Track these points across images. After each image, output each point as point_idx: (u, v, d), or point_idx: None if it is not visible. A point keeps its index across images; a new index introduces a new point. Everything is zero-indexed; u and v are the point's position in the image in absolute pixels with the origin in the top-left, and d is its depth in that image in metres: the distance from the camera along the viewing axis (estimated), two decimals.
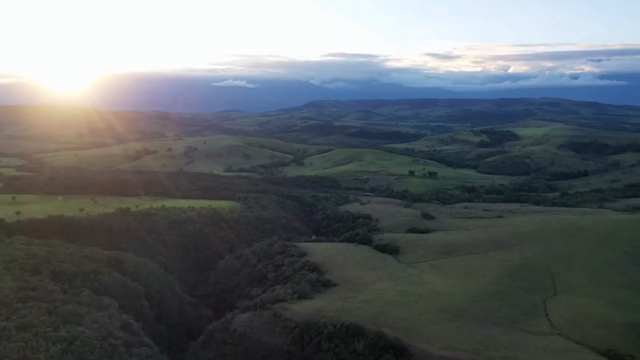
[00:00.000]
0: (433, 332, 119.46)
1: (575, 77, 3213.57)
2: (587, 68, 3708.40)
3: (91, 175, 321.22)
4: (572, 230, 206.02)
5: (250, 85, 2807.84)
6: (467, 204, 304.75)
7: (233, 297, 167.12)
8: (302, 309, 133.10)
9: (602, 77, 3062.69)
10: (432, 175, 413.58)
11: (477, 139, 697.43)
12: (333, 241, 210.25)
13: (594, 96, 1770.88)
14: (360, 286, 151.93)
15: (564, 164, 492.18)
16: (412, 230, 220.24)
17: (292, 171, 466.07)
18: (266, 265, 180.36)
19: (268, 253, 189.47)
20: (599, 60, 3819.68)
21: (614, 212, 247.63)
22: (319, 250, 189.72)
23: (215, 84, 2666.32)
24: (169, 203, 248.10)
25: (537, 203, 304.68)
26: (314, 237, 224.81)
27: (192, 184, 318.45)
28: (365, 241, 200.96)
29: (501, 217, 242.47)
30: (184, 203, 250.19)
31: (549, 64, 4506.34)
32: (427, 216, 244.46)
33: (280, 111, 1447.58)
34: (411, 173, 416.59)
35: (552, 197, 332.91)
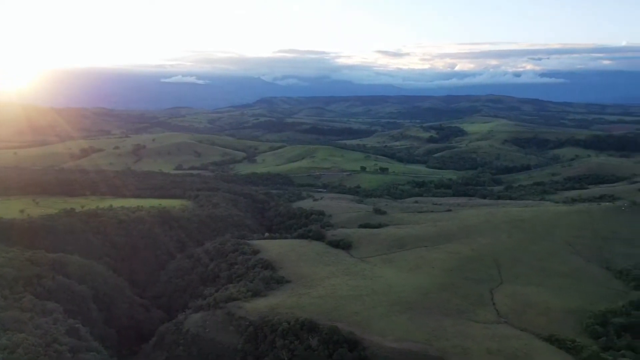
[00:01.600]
0: (386, 325, 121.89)
1: (518, 74, 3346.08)
2: (529, 66, 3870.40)
3: (32, 175, 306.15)
4: (516, 222, 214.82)
5: (200, 82, 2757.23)
6: (417, 198, 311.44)
7: (185, 297, 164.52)
8: (256, 307, 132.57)
9: (542, 75, 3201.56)
10: (384, 170, 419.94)
11: (426, 135, 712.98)
12: (286, 238, 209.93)
13: (535, 93, 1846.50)
14: (314, 282, 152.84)
15: (508, 159, 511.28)
16: (365, 226, 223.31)
17: (244, 168, 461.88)
18: (219, 263, 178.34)
19: (221, 251, 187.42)
20: (540, 59, 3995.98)
21: (555, 204, 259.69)
22: (273, 248, 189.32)
23: (164, 80, 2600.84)
24: (117, 202, 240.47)
25: (484, 196, 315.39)
26: (267, 234, 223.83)
27: (140, 182, 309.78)
28: (319, 237, 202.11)
29: (450, 210, 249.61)
30: (133, 202, 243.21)
31: (494, 62, 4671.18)
32: (379, 211, 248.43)
33: (232, 108, 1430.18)
34: (363, 169, 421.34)
35: (498, 191, 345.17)
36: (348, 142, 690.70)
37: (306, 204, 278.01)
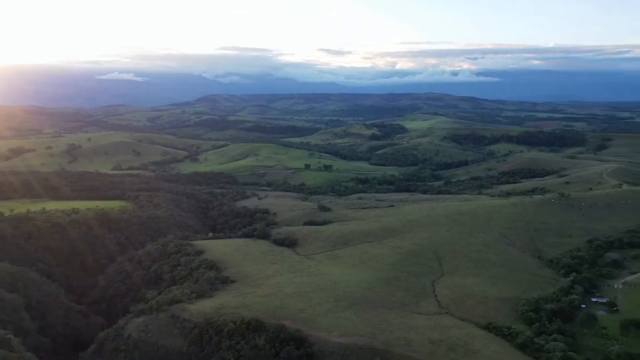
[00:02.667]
0: (332, 321, 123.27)
1: (455, 73, 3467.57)
2: (466, 65, 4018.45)
3: None
4: (455, 216, 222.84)
5: (139, 79, 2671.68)
6: (361, 194, 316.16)
7: (126, 301, 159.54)
8: (200, 309, 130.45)
9: (478, 74, 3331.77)
10: (328, 168, 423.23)
11: (369, 132, 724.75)
12: (231, 237, 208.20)
13: (471, 91, 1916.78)
14: (260, 281, 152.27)
15: (447, 155, 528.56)
16: (310, 223, 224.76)
17: (187, 167, 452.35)
18: (161, 265, 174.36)
19: (163, 253, 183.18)
20: (475, 59, 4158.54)
21: (491, 198, 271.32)
22: (217, 248, 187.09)
23: (99, 77, 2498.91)
24: (50, 205, 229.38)
25: (425, 192, 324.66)
26: (211, 234, 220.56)
27: (76, 184, 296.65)
28: (264, 236, 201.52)
29: (393, 206, 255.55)
30: (68, 205, 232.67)
31: (432, 61, 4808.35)
32: (323, 208, 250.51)
33: (172, 106, 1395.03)
34: (307, 167, 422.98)
35: (438, 186, 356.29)
36: (292, 139, 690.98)
37: (250, 203, 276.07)
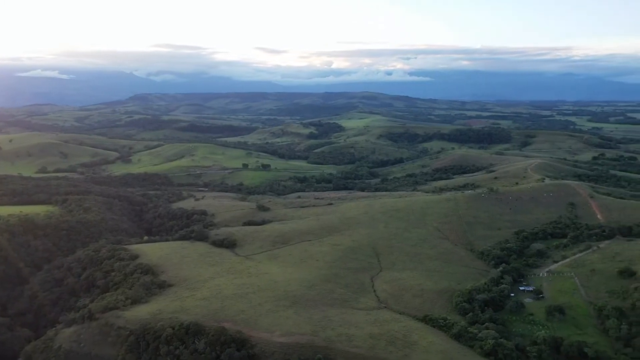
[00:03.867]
0: (273, 321, 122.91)
1: (389, 73, 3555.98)
2: (399, 65, 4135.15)
3: None
4: (391, 212, 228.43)
5: (64, 76, 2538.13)
6: (300, 193, 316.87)
7: (55, 311, 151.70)
8: (136, 315, 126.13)
9: (411, 73, 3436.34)
10: (266, 167, 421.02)
11: (306, 131, 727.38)
12: (167, 240, 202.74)
13: (405, 90, 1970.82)
14: (199, 284, 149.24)
15: (383, 153, 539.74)
16: (249, 223, 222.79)
17: (119, 169, 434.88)
18: (93, 272, 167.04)
19: (95, 259, 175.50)
20: (408, 59, 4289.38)
21: (425, 194, 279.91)
22: (153, 251, 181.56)
23: (20, 75, 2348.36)
24: None
25: (362, 189, 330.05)
26: (146, 237, 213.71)
27: None
28: (202, 237, 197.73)
29: (331, 204, 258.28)
30: None
31: (367, 61, 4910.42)
32: (262, 208, 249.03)
33: (102, 105, 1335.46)
34: (245, 166, 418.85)
35: (375, 183, 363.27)
36: (229, 139, 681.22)
37: (187, 204, 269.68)
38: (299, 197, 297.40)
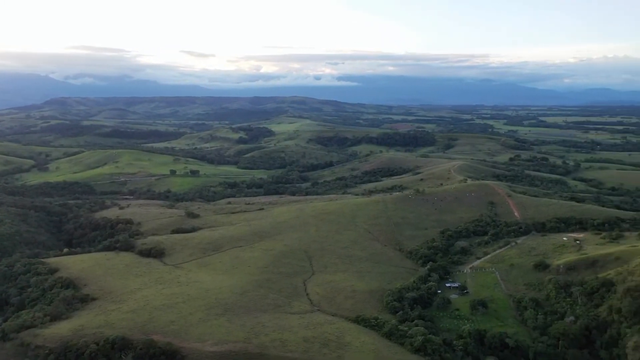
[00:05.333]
0: (204, 330, 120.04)
1: (318, 77, 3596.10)
2: (327, 70, 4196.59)
3: None
4: (322, 216, 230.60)
5: None
6: (230, 199, 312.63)
7: None
8: (56, 332, 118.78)
9: (339, 78, 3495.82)
10: (194, 173, 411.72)
11: (236, 136, 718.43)
12: (90, 252, 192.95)
13: (334, 95, 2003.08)
14: (125, 296, 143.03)
15: (313, 157, 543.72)
16: (178, 231, 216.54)
17: (34, 178, 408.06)
18: (7, 289, 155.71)
19: (8, 275, 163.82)
20: (336, 64, 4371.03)
21: (355, 197, 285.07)
22: (74, 264, 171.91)
23: None
24: None
25: (293, 193, 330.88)
26: (66, 249, 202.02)
27: None
28: (128, 247, 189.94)
29: (262, 209, 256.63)
30: None
31: (296, 65, 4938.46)
32: (191, 215, 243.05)
33: (14, 109, 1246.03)
34: (173, 172, 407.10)
35: (306, 187, 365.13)
36: (155, 145, 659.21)
37: (111, 213, 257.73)
38: (230, 202, 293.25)
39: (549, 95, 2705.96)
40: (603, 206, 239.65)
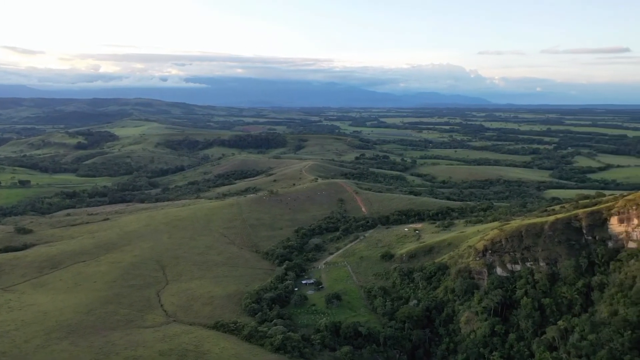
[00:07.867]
0: (45, 357, 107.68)
1: (164, 78, 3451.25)
2: (174, 71, 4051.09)
3: None
4: (175, 222, 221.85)
5: None
6: (69, 210, 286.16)
7: None
8: None
9: (187, 79, 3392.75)
10: (25, 183, 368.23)
11: (73, 141, 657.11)
12: None
13: (182, 97, 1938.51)
14: None
15: (162, 161, 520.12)
16: (6, 250, 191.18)
17: None
18: None
19: None
20: (183, 65, 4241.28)
21: (209, 201, 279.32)
22: None
23: None
24: None
25: (142, 201, 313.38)
26: None
27: None
28: None
29: (108, 219, 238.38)
30: None
31: (139, 66, 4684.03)
32: (22, 230, 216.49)
33: None
34: None
35: (156, 194, 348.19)
36: None
37: None
38: (69, 214, 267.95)
39: (387, 98, 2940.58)
40: (436, 198, 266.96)
